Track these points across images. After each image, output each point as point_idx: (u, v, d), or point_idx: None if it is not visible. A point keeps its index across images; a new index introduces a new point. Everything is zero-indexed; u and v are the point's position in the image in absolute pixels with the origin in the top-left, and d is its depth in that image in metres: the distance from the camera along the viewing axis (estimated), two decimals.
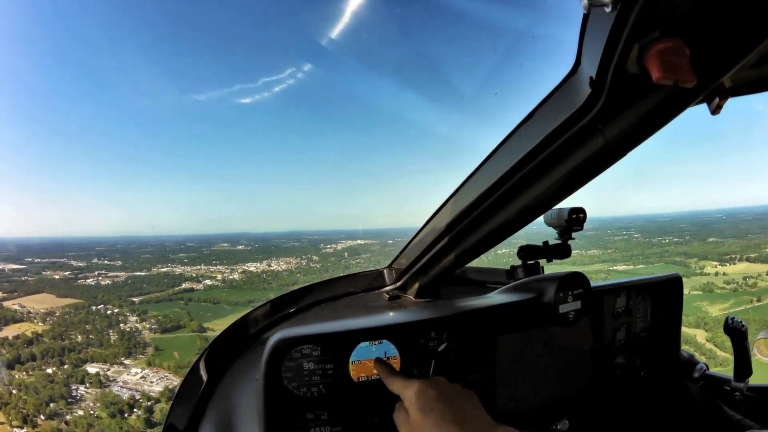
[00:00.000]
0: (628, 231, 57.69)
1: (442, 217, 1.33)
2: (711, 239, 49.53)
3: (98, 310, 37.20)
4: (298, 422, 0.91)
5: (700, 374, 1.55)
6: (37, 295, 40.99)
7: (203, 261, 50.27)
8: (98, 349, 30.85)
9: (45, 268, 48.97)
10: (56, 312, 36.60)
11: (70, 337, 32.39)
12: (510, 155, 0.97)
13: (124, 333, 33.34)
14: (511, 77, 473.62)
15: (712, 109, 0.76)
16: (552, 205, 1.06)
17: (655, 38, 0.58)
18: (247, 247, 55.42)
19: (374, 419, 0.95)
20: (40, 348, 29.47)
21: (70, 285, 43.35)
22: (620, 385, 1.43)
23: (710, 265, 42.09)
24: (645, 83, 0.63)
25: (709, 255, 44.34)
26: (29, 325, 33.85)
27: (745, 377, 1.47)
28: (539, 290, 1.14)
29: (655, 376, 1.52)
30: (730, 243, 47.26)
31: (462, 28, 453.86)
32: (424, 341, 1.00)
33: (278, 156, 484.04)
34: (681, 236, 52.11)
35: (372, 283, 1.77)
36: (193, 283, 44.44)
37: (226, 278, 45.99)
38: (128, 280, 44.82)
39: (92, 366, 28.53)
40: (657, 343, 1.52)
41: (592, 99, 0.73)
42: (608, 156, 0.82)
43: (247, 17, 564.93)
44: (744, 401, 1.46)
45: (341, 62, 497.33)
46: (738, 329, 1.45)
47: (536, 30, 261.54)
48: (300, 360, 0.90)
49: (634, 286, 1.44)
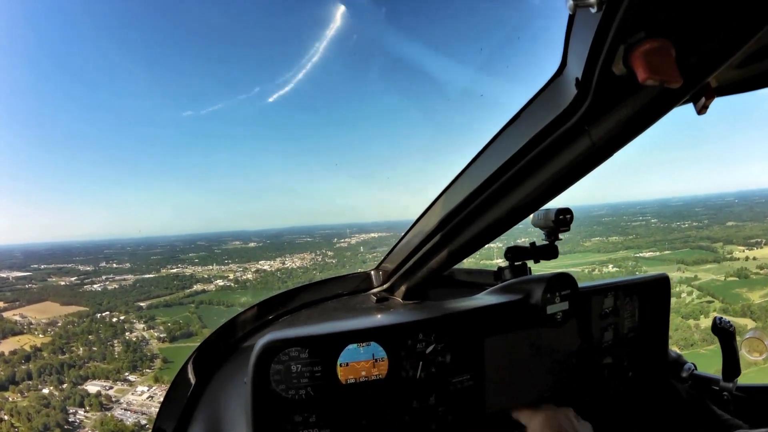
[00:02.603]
0: (645, 216, 55.55)
1: (429, 218, 1.29)
2: (730, 223, 46.83)
3: (103, 317, 33.85)
4: (286, 425, 0.89)
5: (688, 374, 1.52)
6: (39, 304, 37.90)
7: (214, 260, 47.55)
8: (101, 364, 27.44)
9: (51, 274, 45.98)
10: (58, 322, 33.30)
11: (72, 350, 28.95)
12: (497, 157, 0.94)
13: (130, 343, 29.96)
14: (496, 78, 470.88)
15: (698, 109, 0.74)
16: (539, 206, 1.02)
17: (641, 39, 0.56)
18: (259, 244, 52.82)
19: (362, 421, 0.93)
20: (38, 365, 25.85)
21: (75, 291, 40.04)
22: (608, 386, 1.41)
23: (737, 250, 39.22)
24: (631, 84, 0.61)
25: (733, 239, 41.51)
26: (29, 337, 30.46)
27: (734, 377, 1.45)
28: (527, 291, 1.13)
29: (644, 376, 1.50)
30: (751, 227, 44.56)
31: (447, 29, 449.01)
32: (412, 343, 0.99)
33: (286, 149, 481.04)
34: (699, 221, 50.43)
35: (360, 285, 1.73)
36: (204, 285, 41.40)
37: (239, 278, 43.05)
38: (137, 283, 41.74)
39: (93, 384, 24.98)
40: (645, 344, 1.50)
41: (578, 100, 0.71)
42: (595, 157, 0.80)
43: (252, 15, 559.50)
44: (732, 401, 1.45)
45: (331, 62, 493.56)
46: (726, 329, 1.44)
47: (522, 31, 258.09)
48: (288, 362, 0.88)
49: (621, 287, 1.42)
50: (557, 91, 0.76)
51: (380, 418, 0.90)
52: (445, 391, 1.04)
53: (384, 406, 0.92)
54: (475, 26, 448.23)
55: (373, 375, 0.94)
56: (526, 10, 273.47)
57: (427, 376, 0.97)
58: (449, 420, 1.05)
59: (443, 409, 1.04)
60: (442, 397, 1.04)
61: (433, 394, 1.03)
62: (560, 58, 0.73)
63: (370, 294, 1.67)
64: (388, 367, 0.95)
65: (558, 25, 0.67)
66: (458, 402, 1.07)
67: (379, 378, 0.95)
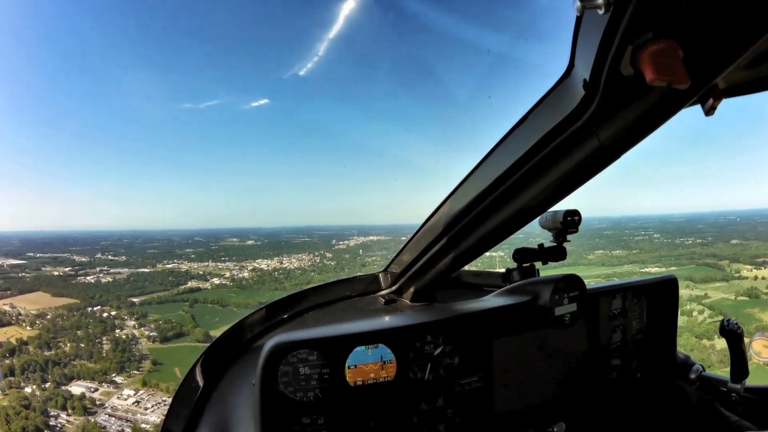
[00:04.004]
0: (647, 231, 54.48)
1: (437, 220, 1.29)
2: (734, 241, 45.64)
3: (93, 312, 32.67)
4: (294, 427, 0.89)
5: (696, 376, 1.50)
6: (31, 294, 36.83)
7: (211, 257, 46.52)
8: (87, 362, 26.29)
9: (45, 263, 44.91)
10: (48, 314, 32.20)
11: (58, 346, 27.75)
12: (505, 158, 0.94)
13: (119, 342, 28.76)
14: (504, 80, 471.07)
15: (706, 110, 0.73)
16: (547, 208, 1.03)
17: (649, 40, 0.56)
18: (257, 242, 51.79)
19: (370, 423, 0.93)
20: (22, 360, 24.72)
21: (68, 283, 38.96)
22: (616, 387, 1.40)
23: (745, 269, 38.14)
24: (639, 85, 0.61)
25: (740, 258, 40.39)
26: (17, 329, 29.36)
27: (742, 378, 1.43)
28: (535, 293, 1.12)
29: (652, 377, 1.48)
30: (757, 246, 44.24)
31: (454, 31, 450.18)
32: (421, 345, 0.98)
33: (283, 150, 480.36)
34: (703, 237, 49.55)
35: (368, 287, 1.72)
36: (199, 282, 40.29)
37: (235, 276, 41.96)
38: (131, 277, 40.67)
39: (78, 385, 23.79)
40: (653, 345, 1.48)
41: (586, 101, 0.71)
42: (603, 158, 0.80)
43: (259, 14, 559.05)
44: (740, 402, 1.42)
45: (336, 63, 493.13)
46: (734, 331, 1.41)
47: (529, 32, 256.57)
48: (296, 365, 0.88)
49: (629, 288, 1.41)
50: (565, 93, 0.76)
51: (388, 420, 0.90)
52: (453, 393, 1.02)
53: (392, 408, 0.91)
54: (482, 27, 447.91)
55: (381, 377, 0.93)
56: (533, 11, 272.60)
57: (435, 377, 0.96)
58: (457, 422, 1.04)
59: (451, 411, 1.03)
60: (450, 398, 1.03)
61: (441, 396, 1.02)
62: (568, 60, 0.72)
63: (378, 296, 1.64)
64: (396, 369, 0.94)
65: (565, 27, 0.66)
66: (466, 404, 1.05)
67: (388, 380, 0.93)
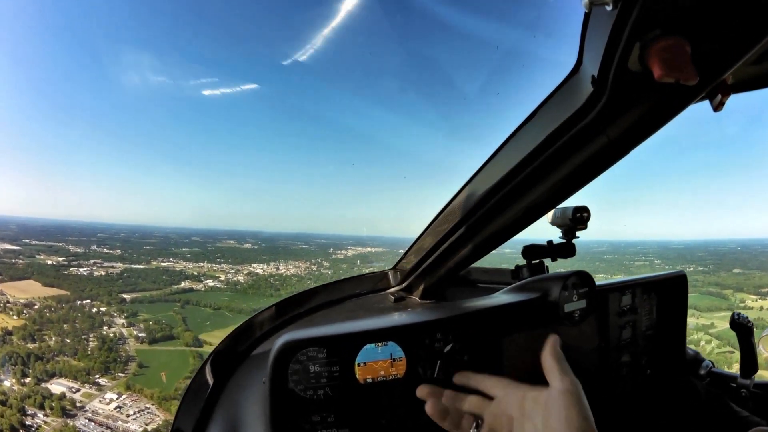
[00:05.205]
0: (647, 257, 53.69)
1: (446, 217, 1.30)
2: (736, 270, 45.52)
3: (83, 306, 31.80)
4: (304, 425, 0.90)
5: (706, 371, 1.53)
6: (22, 282, 36.08)
7: (207, 258, 45.71)
8: (71, 360, 25.33)
9: (40, 251, 44.15)
10: (36, 304, 31.31)
11: (43, 339, 26.80)
12: (513, 155, 0.96)
13: (106, 340, 27.87)
14: (512, 76, 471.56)
15: (714, 106, 0.74)
16: (556, 204, 1.05)
17: (657, 36, 0.56)
18: (254, 246, 51.03)
19: (381, 421, 0.94)
20: (4, 351, 23.82)
21: (60, 273, 38.16)
22: (626, 384, 1.43)
23: (749, 299, 37.86)
24: (647, 81, 0.61)
25: (743, 287, 40.37)
26: (2, 317, 28.39)
27: (752, 374, 1.45)
28: (544, 289, 1.13)
29: (662, 374, 1.51)
30: (760, 275, 43.44)
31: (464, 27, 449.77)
32: (430, 342, 0.99)
33: (286, 155, 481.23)
34: (704, 265, 48.96)
35: (377, 285, 1.73)
36: (193, 283, 39.47)
37: (230, 279, 41.15)
38: (124, 273, 39.88)
39: (59, 383, 22.90)
40: (663, 341, 1.51)
41: (594, 98, 0.72)
42: (611, 154, 0.83)
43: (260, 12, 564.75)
44: (750, 398, 1.45)
45: (341, 65, 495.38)
46: (744, 325, 1.43)
47: (537, 29, 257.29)
48: (306, 362, 0.89)
49: (639, 284, 1.43)
50: (573, 89, 0.77)
51: (398, 418, 0.91)
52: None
53: (402, 406, 0.92)
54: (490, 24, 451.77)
55: (391, 374, 0.94)
56: (541, 8, 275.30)
57: (445, 375, 0.97)
58: None
59: None
60: None
61: None
62: (576, 56, 0.74)
63: (387, 293, 1.66)
64: (406, 366, 0.95)
65: (573, 23, 0.67)
66: None
67: (397, 377, 0.94)
